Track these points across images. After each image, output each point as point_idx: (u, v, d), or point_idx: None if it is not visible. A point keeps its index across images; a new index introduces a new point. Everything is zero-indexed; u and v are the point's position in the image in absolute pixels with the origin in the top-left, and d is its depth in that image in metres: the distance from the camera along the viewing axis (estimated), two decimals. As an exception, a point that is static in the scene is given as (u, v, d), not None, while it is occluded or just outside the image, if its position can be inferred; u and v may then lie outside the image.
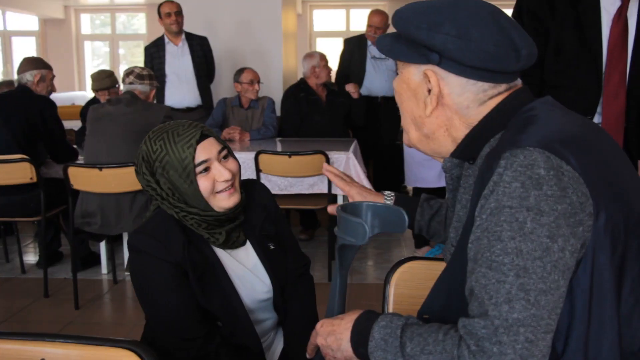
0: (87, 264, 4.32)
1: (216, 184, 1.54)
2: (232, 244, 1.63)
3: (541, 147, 0.99)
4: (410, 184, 4.35)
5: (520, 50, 1.08)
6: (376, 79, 5.50)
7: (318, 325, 1.24)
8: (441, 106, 1.15)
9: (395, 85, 1.22)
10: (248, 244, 1.69)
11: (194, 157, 1.51)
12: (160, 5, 5.19)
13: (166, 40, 5.29)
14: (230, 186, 1.56)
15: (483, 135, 1.13)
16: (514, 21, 1.12)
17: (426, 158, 4.10)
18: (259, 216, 1.72)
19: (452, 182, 1.24)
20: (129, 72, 3.80)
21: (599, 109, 2.34)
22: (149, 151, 1.55)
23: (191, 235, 1.58)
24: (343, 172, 1.67)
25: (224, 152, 1.58)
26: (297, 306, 1.75)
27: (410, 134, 1.23)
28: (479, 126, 1.14)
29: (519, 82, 1.16)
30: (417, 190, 4.37)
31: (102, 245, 4.19)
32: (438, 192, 4.43)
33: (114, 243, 4.25)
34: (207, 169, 1.54)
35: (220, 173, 1.54)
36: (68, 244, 4.41)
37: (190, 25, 5.41)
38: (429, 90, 1.14)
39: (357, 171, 3.97)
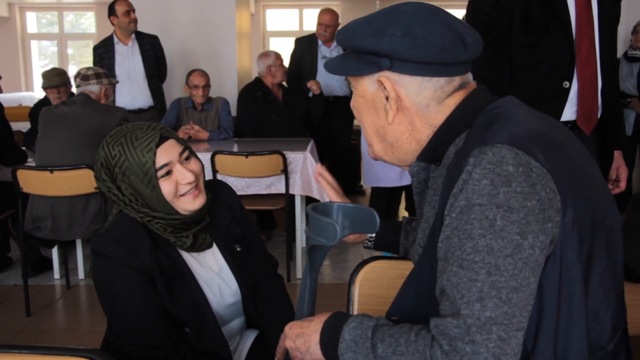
0: (39, 269, 4.20)
1: (179, 186, 1.50)
2: (198, 246, 1.60)
3: (509, 144, 0.99)
4: (370, 183, 4.33)
5: (465, 39, 1.09)
6: (328, 78, 5.45)
7: (287, 328, 1.22)
8: (401, 110, 1.14)
9: (353, 104, 1.22)
10: (214, 246, 1.66)
11: (154, 162, 1.47)
12: (115, 3, 5.05)
13: (115, 40, 5.16)
14: (194, 188, 1.53)
15: (447, 136, 1.13)
16: (453, 15, 1.14)
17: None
18: (225, 217, 1.69)
19: (419, 185, 1.23)
20: (75, 76, 3.74)
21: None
22: (108, 157, 1.49)
23: (157, 239, 1.54)
24: (335, 181, 1.60)
25: (186, 154, 1.54)
26: (274, 308, 1.73)
27: (375, 146, 1.23)
28: (443, 127, 1.14)
29: (472, 80, 1.17)
30: (377, 190, 4.36)
31: (54, 249, 4.07)
32: (399, 191, 4.46)
33: (67, 247, 4.13)
34: (169, 173, 1.49)
35: (183, 175, 1.50)
36: (17, 249, 4.27)
37: (144, 24, 5.30)
38: (387, 98, 1.14)
39: (315, 170, 3.95)
